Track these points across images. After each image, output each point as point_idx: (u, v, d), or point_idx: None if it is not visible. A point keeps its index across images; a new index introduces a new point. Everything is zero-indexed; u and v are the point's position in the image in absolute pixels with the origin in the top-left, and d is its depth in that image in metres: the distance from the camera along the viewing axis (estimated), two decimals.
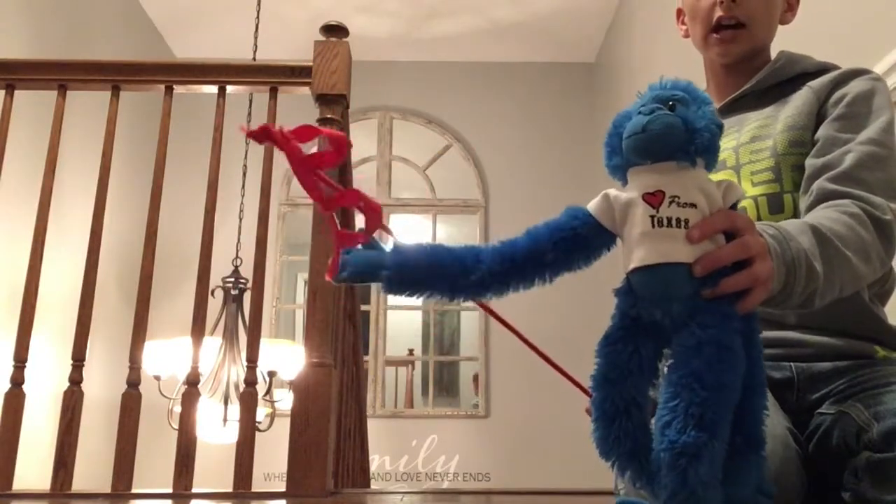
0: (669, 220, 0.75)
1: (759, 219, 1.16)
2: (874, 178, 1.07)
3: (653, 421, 0.79)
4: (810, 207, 1.07)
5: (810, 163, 1.13)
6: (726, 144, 1.22)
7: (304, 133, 0.80)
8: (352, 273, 0.79)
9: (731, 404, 0.73)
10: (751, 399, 0.77)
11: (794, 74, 1.24)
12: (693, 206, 0.76)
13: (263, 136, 0.79)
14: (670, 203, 0.76)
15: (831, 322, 1.09)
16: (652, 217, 0.76)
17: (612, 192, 0.81)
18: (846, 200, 1.03)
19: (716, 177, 1.20)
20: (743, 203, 1.16)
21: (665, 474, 0.71)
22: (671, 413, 0.72)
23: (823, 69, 1.23)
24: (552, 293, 0.92)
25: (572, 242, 0.80)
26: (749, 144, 1.20)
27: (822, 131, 1.14)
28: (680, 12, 1.34)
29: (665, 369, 0.76)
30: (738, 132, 1.23)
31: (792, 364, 1.09)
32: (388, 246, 0.80)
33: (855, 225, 0.98)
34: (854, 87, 1.17)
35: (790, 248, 0.87)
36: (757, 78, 1.25)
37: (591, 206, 0.81)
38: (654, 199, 0.76)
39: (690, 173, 0.78)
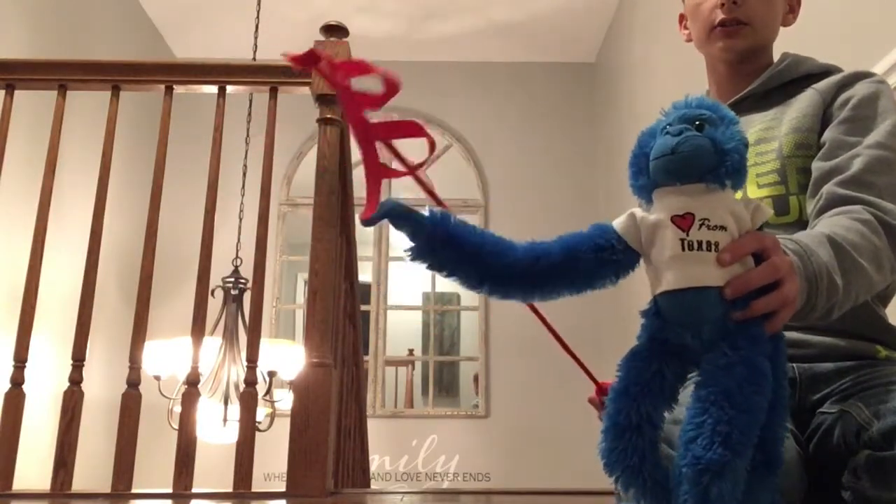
0: (700, 243, 0.75)
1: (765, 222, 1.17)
2: (883, 182, 1.06)
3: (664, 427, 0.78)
4: (820, 212, 1.07)
5: (817, 166, 1.12)
6: None
7: (354, 68, 0.76)
8: (388, 213, 0.78)
9: (757, 427, 0.72)
10: (774, 419, 0.76)
11: (798, 76, 1.24)
12: (723, 228, 0.75)
13: (309, 61, 0.75)
14: (700, 226, 0.75)
15: (833, 323, 1.09)
16: (682, 240, 0.75)
17: (639, 212, 0.80)
18: (857, 206, 1.02)
19: None
20: None
21: (686, 490, 0.70)
22: (697, 429, 0.71)
23: (827, 71, 1.23)
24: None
25: (605, 254, 0.79)
26: (754, 146, 1.19)
27: (829, 134, 1.14)
28: (682, 17, 1.34)
29: (692, 387, 0.75)
30: None
31: (794, 365, 1.09)
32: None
33: (868, 232, 0.98)
34: (859, 90, 1.16)
35: (812, 263, 0.87)
36: (762, 79, 1.25)
37: (617, 224, 0.81)
38: (683, 221, 0.76)
39: (719, 195, 0.77)
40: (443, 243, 0.78)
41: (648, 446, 0.76)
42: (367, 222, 0.78)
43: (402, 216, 0.78)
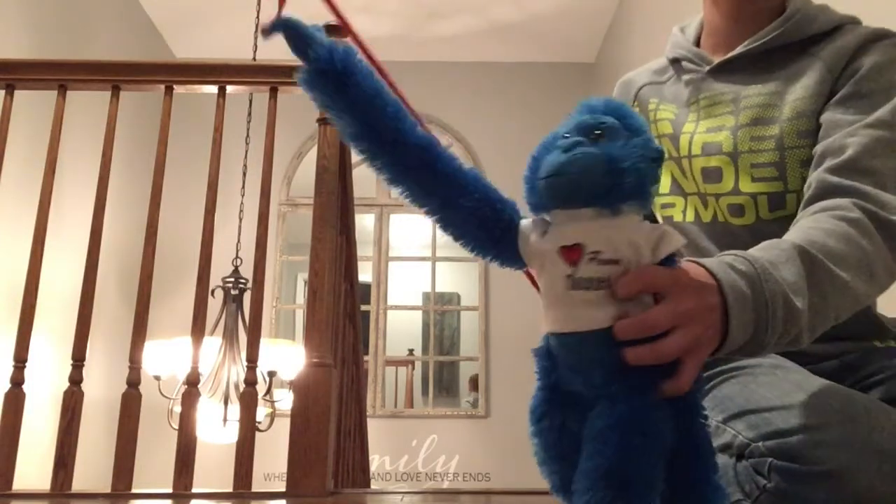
0: (589, 281, 0.65)
1: (757, 217, 1.02)
2: (886, 167, 0.89)
3: None
4: (807, 203, 0.92)
5: (815, 151, 0.96)
6: (723, 122, 1.04)
7: None
8: (287, 26, 0.70)
9: (647, 495, 0.63)
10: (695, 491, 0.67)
11: (809, 35, 1.01)
12: (616, 262, 0.65)
13: None
14: (590, 260, 0.65)
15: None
16: (569, 277, 0.65)
17: (537, 233, 0.69)
18: (846, 201, 0.87)
19: (709, 161, 1.04)
20: (739, 200, 1.03)
21: None
22: None
23: (841, 26, 1.01)
24: None
25: (488, 209, 0.70)
26: (750, 128, 1.02)
27: (827, 113, 0.96)
28: None
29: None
30: (735, 107, 1.04)
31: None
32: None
33: (856, 236, 0.82)
34: (873, 56, 0.96)
35: (764, 290, 0.72)
36: (761, 38, 1.03)
37: (523, 224, 0.71)
38: (571, 254, 0.65)
39: (615, 222, 0.66)
40: (336, 80, 0.68)
41: None
42: (265, 32, 0.71)
43: (301, 34, 0.70)
